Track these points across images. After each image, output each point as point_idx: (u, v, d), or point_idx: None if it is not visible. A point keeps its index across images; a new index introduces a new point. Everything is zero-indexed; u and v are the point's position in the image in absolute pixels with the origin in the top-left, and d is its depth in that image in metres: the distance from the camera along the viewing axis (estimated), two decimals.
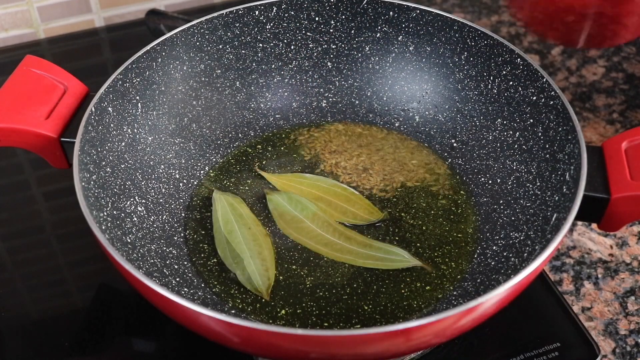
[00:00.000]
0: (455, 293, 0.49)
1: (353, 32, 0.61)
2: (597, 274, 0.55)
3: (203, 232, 0.53)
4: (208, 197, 0.56)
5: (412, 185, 0.57)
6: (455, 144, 0.59)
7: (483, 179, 0.56)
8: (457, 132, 0.59)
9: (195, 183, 0.57)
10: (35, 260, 0.57)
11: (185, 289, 0.48)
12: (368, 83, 0.63)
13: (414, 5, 0.59)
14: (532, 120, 0.53)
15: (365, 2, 0.60)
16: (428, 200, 0.56)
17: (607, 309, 0.53)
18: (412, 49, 0.61)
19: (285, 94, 0.63)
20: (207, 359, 0.49)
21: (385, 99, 0.62)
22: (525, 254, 0.47)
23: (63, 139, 0.50)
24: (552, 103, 0.51)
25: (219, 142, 0.60)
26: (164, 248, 0.51)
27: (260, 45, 0.61)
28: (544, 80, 0.52)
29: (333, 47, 0.62)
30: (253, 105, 0.62)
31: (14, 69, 0.53)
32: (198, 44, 0.58)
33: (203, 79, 0.59)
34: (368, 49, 0.62)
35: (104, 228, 0.45)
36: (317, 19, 0.61)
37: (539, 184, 0.51)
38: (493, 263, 0.50)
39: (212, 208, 0.55)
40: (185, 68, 0.58)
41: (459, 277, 0.50)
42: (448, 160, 0.59)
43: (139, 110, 0.55)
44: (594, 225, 0.58)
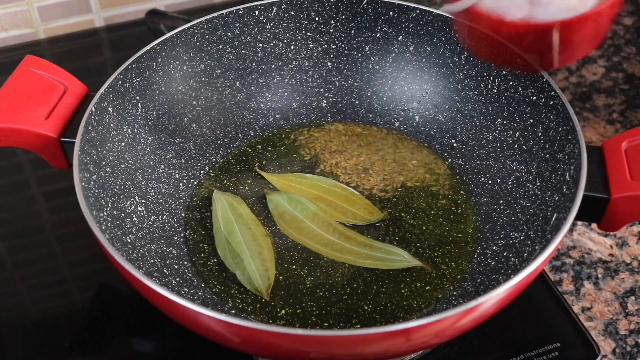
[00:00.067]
0: (455, 293, 0.49)
1: (353, 32, 0.61)
2: (597, 274, 0.55)
3: (203, 232, 0.53)
4: (208, 197, 0.56)
5: (412, 185, 0.57)
6: (455, 144, 0.59)
7: (483, 179, 0.56)
8: (457, 132, 0.59)
9: (195, 183, 0.57)
10: (35, 260, 0.57)
11: (185, 289, 0.48)
12: (368, 83, 0.63)
13: (414, 5, 0.59)
14: (532, 120, 0.53)
15: (365, 2, 0.60)
16: (428, 200, 0.56)
17: (607, 309, 0.53)
18: (412, 49, 0.61)
19: (285, 94, 0.63)
20: (207, 359, 0.49)
21: (385, 99, 0.62)
22: (525, 254, 0.47)
23: (63, 139, 0.50)
24: (552, 103, 0.51)
25: (219, 142, 0.60)
26: (164, 248, 0.51)
27: (260, 45, 0.61)
28: (544, 80, 0.52)
29: (333, 47, 0.62)
30: (253, 105, 0.62)
31: (14, 69, 0.53)
32: (198, 44, 0.58)
33: (203, 79, 0.59)
34: (368, 49, 0.62)
35: (104, 228, 0.45)
36: (317, 19, 0.61)
37: (539, 184, 0.51)
38: (493, 263, 0.50)
39: (212, 208, 0.55)
40: (185, 68, 0.58)
41: (459, 277, 0.50)
42: (448, 160, 0.59)
43: (139, 110, 0.55)
44: (594, 225, 0.58)
